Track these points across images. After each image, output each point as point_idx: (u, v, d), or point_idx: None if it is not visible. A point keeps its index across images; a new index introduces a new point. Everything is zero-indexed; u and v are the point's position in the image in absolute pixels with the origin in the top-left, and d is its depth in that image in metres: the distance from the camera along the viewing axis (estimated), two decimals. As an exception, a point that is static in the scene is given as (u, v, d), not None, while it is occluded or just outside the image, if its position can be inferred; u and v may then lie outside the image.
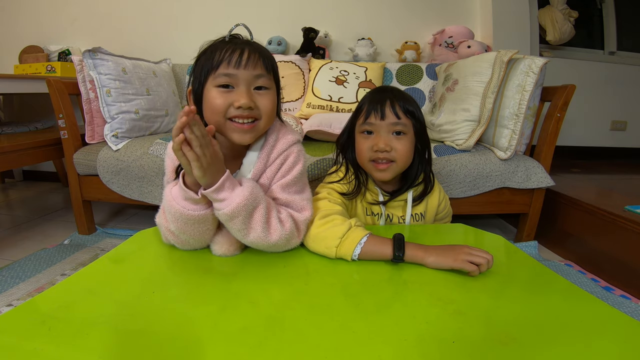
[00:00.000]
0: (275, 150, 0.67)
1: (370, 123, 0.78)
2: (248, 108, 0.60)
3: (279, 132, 0.69)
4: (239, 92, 0.60)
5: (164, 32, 2.09)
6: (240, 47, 0.61)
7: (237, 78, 0.60)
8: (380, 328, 0.45)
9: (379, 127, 0.77)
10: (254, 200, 0.58)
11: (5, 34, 2.19)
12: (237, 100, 0.60)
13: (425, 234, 0.78)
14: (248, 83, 0.61)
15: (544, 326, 0.46)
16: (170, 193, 0.59)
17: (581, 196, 1.36)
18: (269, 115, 0.64)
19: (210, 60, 0.61)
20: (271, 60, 0.65)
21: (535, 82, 1.24)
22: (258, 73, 0.61)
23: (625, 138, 2.47)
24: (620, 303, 1.05)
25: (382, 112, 0.76)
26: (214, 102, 0.61)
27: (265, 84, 0.63)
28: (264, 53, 0.63)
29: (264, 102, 0.62)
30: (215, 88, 0.61)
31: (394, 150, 0.76)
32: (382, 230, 0.77)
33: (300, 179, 0.69)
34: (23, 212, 1.80)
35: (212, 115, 0.62)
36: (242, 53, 0.60)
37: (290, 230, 0.62)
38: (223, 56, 0.60)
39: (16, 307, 0.47)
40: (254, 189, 0.59)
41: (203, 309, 0.48)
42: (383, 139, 0.76)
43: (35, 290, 1.07)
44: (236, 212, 0.57)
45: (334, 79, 1.75)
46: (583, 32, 2.42)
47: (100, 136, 1.40)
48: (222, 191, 0.57)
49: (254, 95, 0.62)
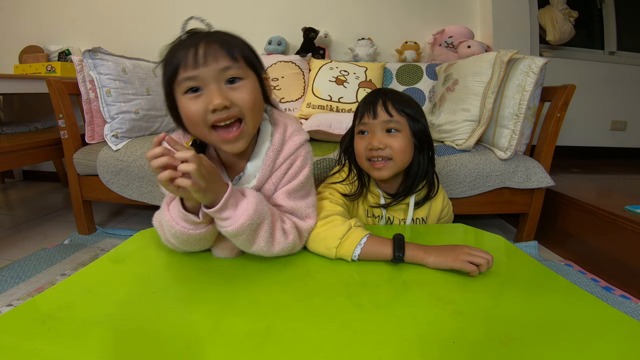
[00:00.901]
0: (282, 155, 0.63)
1: (364, 123, 0.79)
2: (224, 108, 0.53)
3: (285, 131, 0.64)
4: (209, 93, 0.53)
5: (164, 32, 2.08)
6: (195, 43, 0.53)
7: (201, 79, 0.53)
8: (380, 328, 0.45)
9: (373, 125, 0.78)
10: (258, 217, 0.55)
11: (5, 34, 2.19)
12: (210, 103, 0.52)
13: (425, 234, 0.78)
14: (216, 80, 0.53)
15: (544, 326, 0.46)
16: (169, 213, 0.56)
17: (581, 196, 1.36)
18: (252, 109, 0.56)
19: (169, 67, 0.54)
20: (239, 46, 0.56)
21: (535, 82, 1.24)
22: (223, 66, 0.53)
23: (625, 138, 2.47)
24: (620, 303, 1.05)
25: (374, 112, 0.77)
26: (187, 112, 0.54)
27: (237, 74, 0.55)
28: (226, 41, 0.55)
29: (240, 96, 0.55)
30: (184, 96, 0.54)
31: (389, 148, 0.76)
32: (383, 231, 0.77)
33: (306, 183, 0.65)
34: (23, 212, 1.80)
35: (192, 127, 0.56)
36: (197, 49, 0.52)
37: (293, 242, 0.61)
38: (179, 59, 0.53)
39: (16, 307, 0.47)
40: (259, 205, 0.55)
41: (203, 309, 0.48)
42: (377, 137, 0.77)
43: (35, 290, 1.07)
44: (240, 231, 0.54)
45: (334, 79, 1.75)
46: (583, 32, 2.42)
47: (100, 136, 1.40)
48: (225, 210, 0.53)
49: (227, 91, 0.54)
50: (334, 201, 0.74)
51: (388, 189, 0.84)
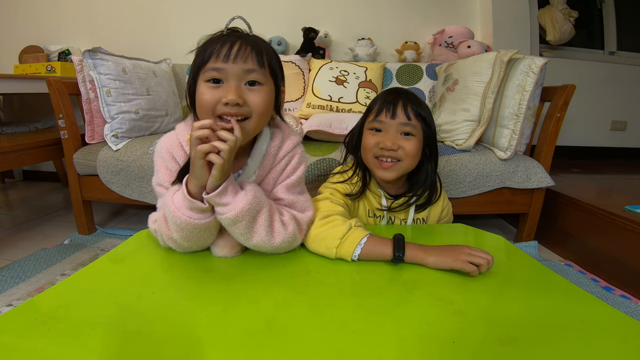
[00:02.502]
0: (282, 151, 0.66)
1: (380, 121, 0.78)
2: (236, 105, 0.56)
3: (284, 133, 0.68)
4: (227, 88, 0.56)
5: (164, 32, 2.09)
6: (231, 40, 0.57)
7: (226, 72, 0.56)
8: (380, 328, 0.45)
9: (389, 125, 0.77)
10: (257, 204, 0.57)
11: (5, 34, 2.19)
12: (225, 96, 0.56)
13: (425, 234, 0.78)
14: (238, 78, 0.57)
15: (544, 326, 0.46)
16: (173, 203, 0.57)
17: (581, 196, 1.36)
18: (261, 113, 0.59)
19: (201, 55, 0.58)
20: (269, 54, 0.60)
21: (535, 82, 1.24)
22: (249, 67, 0.57)
23: (625, 138, 2.47)
24: (620, 303, 1.05)
25: (393, 111, 0.76)
26: (202, 98, 0.58)
27: (258, 79, 0.58)
28: (258, 46, 0.59)
29: (254, 99, 0.58)
30: (205, 83, 0.58)
31: (401, 149, 0.76)
32: (384, 230, 0.77)
33: (302, 180, 0.69)
34: (23, 212, 1.80)
35: (201, 112, 0.59)
36: (232, 46, 0.56)
37: (293, 233, 0.62)
38: (212, 50, 0.57)
39: (16, 307, 0.47)
40: (257, 192, 0.58)
41: (203, 309, 0.48)
42: (391, 138, 0.76)
43: (35, 290, 1.07)
44: (240, 217, 0.56)
45: (334, 79, 1.75)
46: (583, 32, 2.42)
47: (100, 136, 1.40)
48: (225, 195, 0.55)
49: (244, 91, 0.57)
50: (335, 201, 0.74)
51: (390, 189, 0.84)
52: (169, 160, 0.64)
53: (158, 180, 0.66)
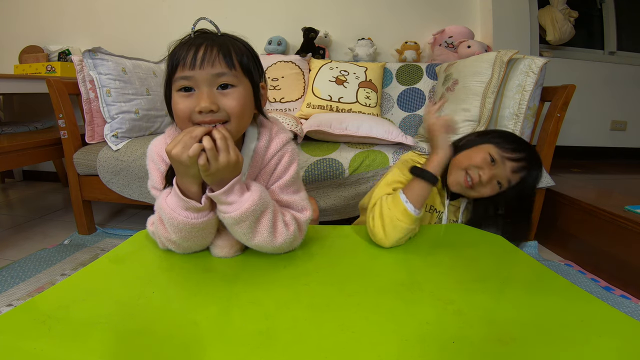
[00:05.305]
0: (270, 151, 0.65)
1: (480, 167, 0.81)
2: (210, 112, 0.55)
3: (271, 132, 0.66)
4: (199, 95, 0.55)
5: (164, 32, 2.09)
6: (197, 44, 0.55)
7: (195, 80, 0.55)
8: (380, 328, 0.45)
9: (485, 163, 0.81)
10: (262, 204, 0.56)
11: (5, 34, 2.19)
12: (198, 104, 0.54)
13: (425, 234, 0.78)
14: (208, 83, 0.55)
15: (544, 326, 0.46)
16: (167, 204, 0.57)
17: (581, 196, 1.36)
18: (238, 115, 0.57)
19: (170, 64, 0.57)
20: (239, 53, 0.57)
21: (535, 82, 1.24)
22: (218, 71, 0.55)
23: (625, 138, 2.47)
24: (620, 303, 1.05)
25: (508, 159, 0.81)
26: (176, 108, 0.56)
27: (229, 81, 0.56)
28: (226, 47, 0.56)
29: (228, 103, 0.56)
30: (177, 92, 0.56)
31: (496, 178, 0.81)
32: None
33: (296, 179, 0.67)
34: (23, 212, 1.80)
35: (179, 122, 0.58)
36: (197, 51, 0.54)
37: (294, 233, 0.62)
38: (179, 57, 0.55)
39: (16, 307, 0.47)
40: (263, 193, 0.57)
41: (203, 309, 0.48)
42: (487, 174, 0.80)
43: (35, 290, 1.07)
44: (244, 217, 0.55)
45: (334, 79, 1.75)
46: (583, 32, 2.42)
47: (100, 136, 1.41)
48: (231, 194, 0.55)
49: (217, 96, 0.56)
50: (391, 183, 0.80)
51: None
52: (159, 163, 0.64)
53: (152, 184, 0.66)
